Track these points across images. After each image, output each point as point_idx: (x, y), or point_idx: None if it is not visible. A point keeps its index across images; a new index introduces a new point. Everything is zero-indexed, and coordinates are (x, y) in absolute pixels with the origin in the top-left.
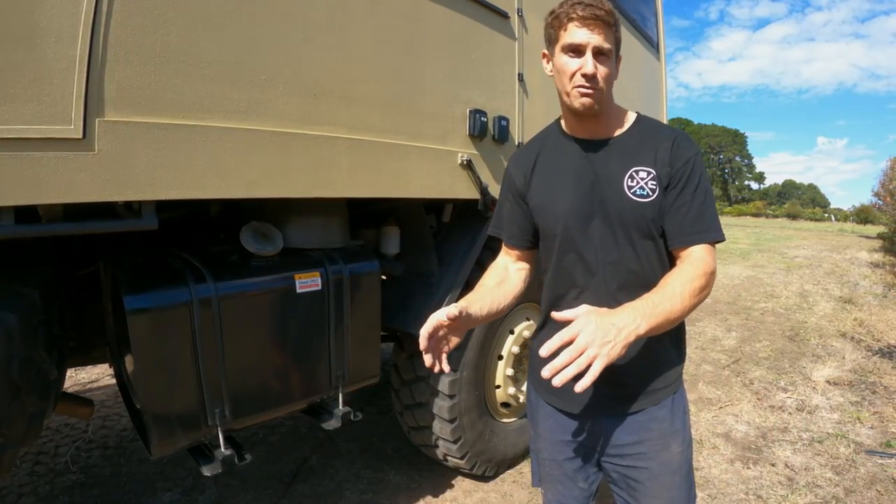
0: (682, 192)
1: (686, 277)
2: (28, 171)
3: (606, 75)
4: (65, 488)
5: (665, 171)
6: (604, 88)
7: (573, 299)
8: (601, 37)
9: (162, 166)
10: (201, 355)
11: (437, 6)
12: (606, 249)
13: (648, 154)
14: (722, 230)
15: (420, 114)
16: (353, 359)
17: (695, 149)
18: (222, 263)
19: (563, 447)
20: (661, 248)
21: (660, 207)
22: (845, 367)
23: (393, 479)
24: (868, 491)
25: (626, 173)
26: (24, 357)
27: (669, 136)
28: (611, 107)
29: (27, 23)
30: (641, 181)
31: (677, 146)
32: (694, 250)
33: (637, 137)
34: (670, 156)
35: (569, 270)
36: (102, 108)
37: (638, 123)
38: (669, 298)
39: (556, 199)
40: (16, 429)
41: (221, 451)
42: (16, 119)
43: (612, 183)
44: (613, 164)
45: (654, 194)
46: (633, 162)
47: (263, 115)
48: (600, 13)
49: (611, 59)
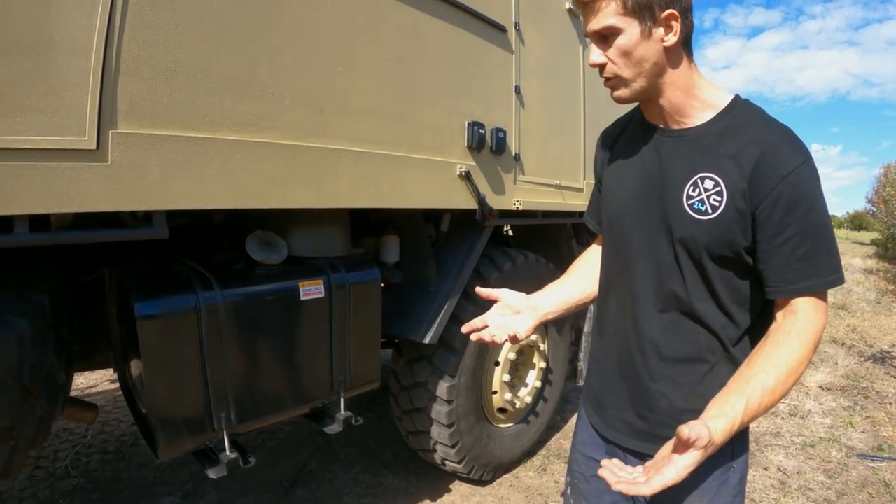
0: (780, 225)
1: (792, 352)
2: (43, 180)
3: (624, 58)
4: (65, 492)
5: (741, 188)
6: (629, 75)
7: (616, 308)
8: (596, 17)
9: (173, 177)
10: (208, 360)
11: (437, 21)
12: (648, 264)
13: (725, 159)
14: (840, 268)
15: (420, 126)
16: (354, 364)
17: (798, 158)
18: (228, 271)
19: (592, 465)
20: (716, 279)
21: (721, 230)
22: (838, 372)
23: (391, 484)
24: (859, 494)
25: (690, 179)
26: (34, 361)
27: (762, 137)
28: (675, 89)
29: (43, 36)
30: (704, 193)
31: (770, 155)
32: (799, 308)
33: (719, 131)
34: (754, 167)
35: (614, 276)
36: (115, 120)
37: (728, 112)
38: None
39: (617, 193)
40: (26, 431)
41: (226, 454)
42: (31, 130)
43: (673, 187)
44: (680, 163)
45: (716, 212)
46: (702, 165)
47: (270, 128)
48: None
49: (629, 33)
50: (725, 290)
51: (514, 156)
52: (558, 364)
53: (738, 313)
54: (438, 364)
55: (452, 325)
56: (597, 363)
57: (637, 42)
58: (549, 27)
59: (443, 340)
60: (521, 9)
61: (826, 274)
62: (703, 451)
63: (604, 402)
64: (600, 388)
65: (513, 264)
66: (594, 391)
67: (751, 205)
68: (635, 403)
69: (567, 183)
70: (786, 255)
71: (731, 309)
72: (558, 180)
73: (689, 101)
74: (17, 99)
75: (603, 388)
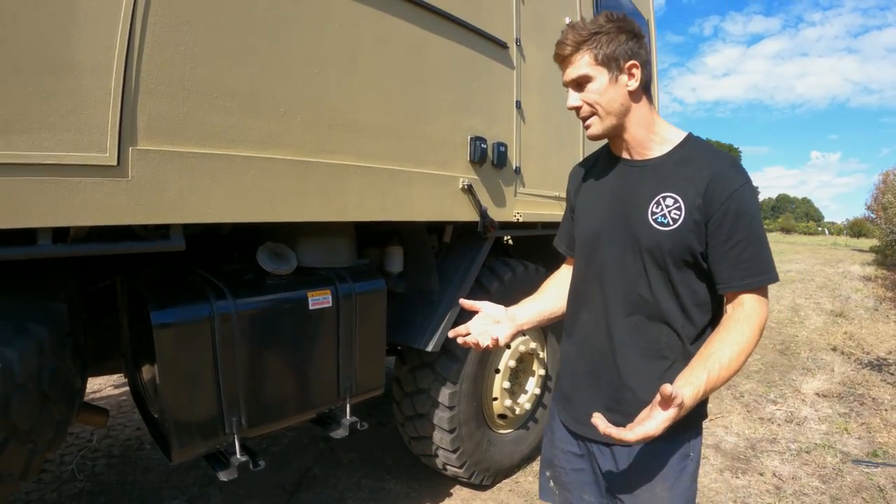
0: (729, 232)
1: (740, 336)
2: (66, 195)
3: (596, 101)
4: (72, 496)
5: (697, 203)
6: (598, 114)
7: (587, 318)
8: (571, 67)
9: (190, 192)
10: (220, 367)
11: (441, 39)
12: (619, 273)
13: (683, 181)
14: (774, 268)
15: (424, 141)
16: (360, 371)
17: (740, 180)
18: (240, 281)
19: (571, 458)
20: (674, 280)
21: (680, 239)
22: (834, 379)
23: (393, 488)
24: (854, 499)
25: (654, 198)
26: (53, 368)
27: (712, 164)
28: (637, 126)
29: (66, 57)
30: (666, 209)
31: (719, 177)
32: (745, 299)
33: (676, 161)
34: (706, 187)
35: (585, 289)
36: (135, 137)
37: (682, 146)
38: (721, 362)
39: (589, 216)
40: (44, 435)
41: (237, 457)
42: (55, 146)
43: (639, 206)
44: (645, 186)
45: (676, 224)
46: (663, 187)
47: (282, 144)
48: (562, 50)
49: (599, 80)
50: (685, 292)
51: (515, 169)
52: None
53: (695, 314)
54: (440, 371)
55: None
56: (567, 367)
57: (606, 87)
58: (549, 42)
59: (445, 348)
60: (522, 25)
61: (766, 272)
62: (678, 410)
63: (574, 400)
64: (571, 389)
65: (513, 274)
66: (564, 392)
67: (705, 216)
68: (605, 398)
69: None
70: (734, 256)
71: (689, 309)
72: (557, 192)
73: (650, 135)
74: (42, 117)
75: (574, 388)
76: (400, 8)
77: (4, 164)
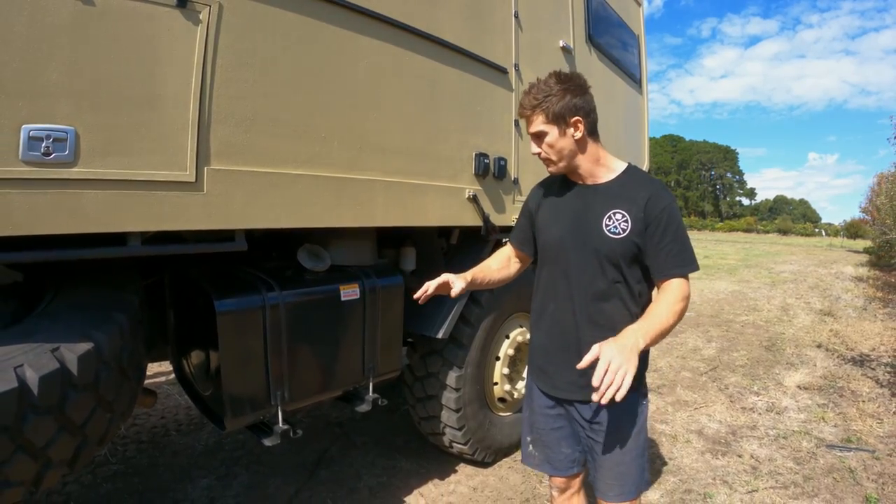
0: (662, 236)
1: (669, 302)
2: (154, 205)
3: (551, 149)
4: (107, 477)
5: (639, 216)
6: (555, 159)
7: (554, 308)
8: (530, 125)
9: (252, 203)
10: (269, 349)
11: (450, 69)
12: (582, 270)
13: (627, 200)
14: (696, 261)
15: (437, 159)
16: (381, 354)
17: (669, 198)
18: (284, 277)
19: (550, 419)
20: (625, 274)
21: (628, 244)
22: (816, 373)
23: (404, 466)
24: (825, 478)
25: (607, 213)
26: (130, 349)
27: (648, 187)
28: (587, 162)
29: (153, 93)
30: (616, 221)
31: (654, 196)
32: (673, 281)
33: (621, 185)
34: (646, 204)
35: (553, 283)
36: (209, 159)
37: (626, 173)
38: (658, 318)
39: (552, 226)
40: (120, 406)
41: (280, 426)
42: (145, 166)
43: (594, 220)
44: (598, 205)
45: (625, 233)
46: (613, 205)
47: (322, 164)
48: (522, 112)
49: (552, 134)
50: (632, 281)
51: (514, 180)
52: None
53: (638, 295)
54: (448, 357)
55: (461, 324)
56: (539, 347)
57: (557, 139)
58: (544, 65)
59: (452, 337)
60: (520, 51)
61: (688, 264)
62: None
63: (550, 372)
64: (546, 363)
65: None
66: (539, 366)
67: (645, 225)
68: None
69: None
70: (665, 252)
71: (634, 292)
72: None
73: (599, 168)
74: (135, 142)
75: (548, 362)
76: (416, 44)
77: (105, 180)
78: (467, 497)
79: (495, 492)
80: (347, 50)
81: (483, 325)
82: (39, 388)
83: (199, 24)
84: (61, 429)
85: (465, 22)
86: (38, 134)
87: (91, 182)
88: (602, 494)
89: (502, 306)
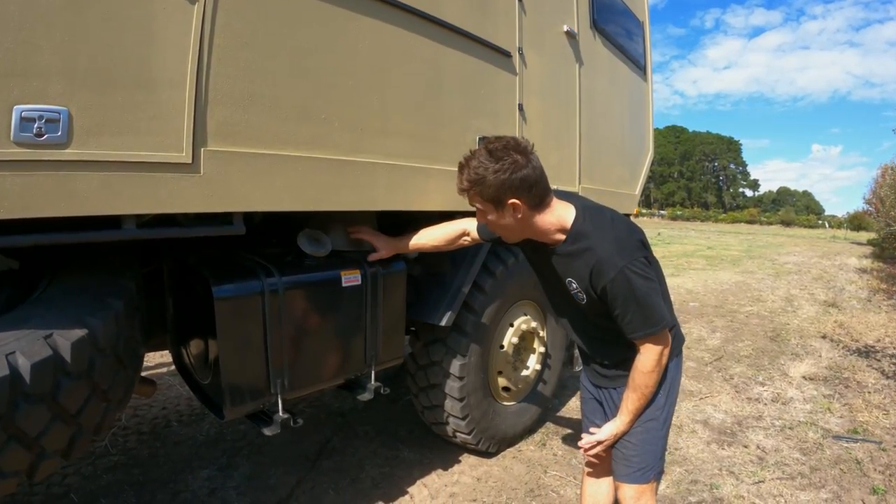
0: (613, 307)
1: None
2: (150, 187)
3: (496, 227)
4: (107, 468)
5: (588, 288)
6: (503, 234)
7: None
8: (470, 202)
9: (250, 185)
10: (269, 335)
11: (454, 51)
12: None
13: (575, 272)
14: (658, 320)
15: (439, 142)
16: (383, 342)
17: (611, 273)
18: (283, 262)
19: (589, 393)
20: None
21: (596, 304)
22: (821, 364)
23: (407, 456)
24: (832, 469)
25: (566, 279)
26: (126, 336)
27: (589, 261)
28: (538, 232)
29: (148, 73)
30: (574, 289)
31: (595, 274)
32: (641, 348)
33: (569, 252)
34: (590, 279)
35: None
36: (206, 140)
37: (572, 237)
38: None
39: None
40: (116, 395)
41: (279, 415)
42: (140, 147)
43: (564, 282)
44: (560, 268)
45: (585, 300)
46: (567, 272)
47: (323, 146)
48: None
49: (492, 215)
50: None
51: None
52: (556, 350)
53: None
54: (451, 345)
55: (464, 312)
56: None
57: (497, 218)
58: (547, 49)
59: (455, 325)
60: (524, 34)
61: (647, 328)
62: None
63: (589, 365)
64: (583, 358)
65: (515, 258)
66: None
67: (597, 295)
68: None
69: (563, 188)
70: (620, 319)
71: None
72: (555, 185)
73: (551, 233)
74: (130, 123)
75: (583, 357)
76: (419, 25)
77: (99, 161)
78: (471, 487)
79: (499, 482)
80: (349, 30)
81: (487, 312)
82: (31, 376)
83: (196, 2)
84: (55, 417)
85: (468, 4)
86: (30, 114)
87: (84, 164)
88: (615, 474)
89: (506, 294)
